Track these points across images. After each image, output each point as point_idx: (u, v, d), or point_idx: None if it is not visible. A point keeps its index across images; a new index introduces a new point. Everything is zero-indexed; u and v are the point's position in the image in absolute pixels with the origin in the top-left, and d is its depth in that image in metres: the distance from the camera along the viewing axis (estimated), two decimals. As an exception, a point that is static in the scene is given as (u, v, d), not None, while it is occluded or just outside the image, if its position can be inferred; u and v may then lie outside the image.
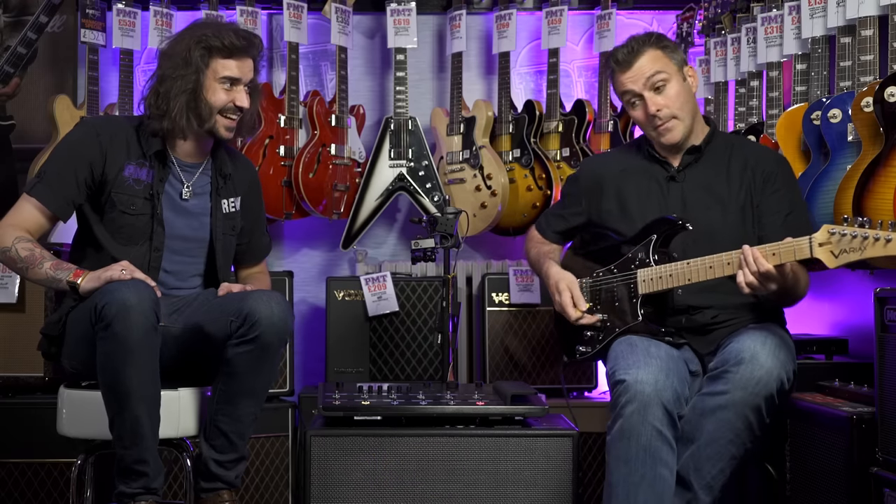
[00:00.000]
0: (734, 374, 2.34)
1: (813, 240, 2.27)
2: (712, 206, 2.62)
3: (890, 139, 2.59)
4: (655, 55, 2.62)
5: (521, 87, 4.13)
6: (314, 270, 4.11)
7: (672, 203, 2.65)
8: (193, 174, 2.59)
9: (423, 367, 3.60)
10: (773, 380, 2.33)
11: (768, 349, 2.36)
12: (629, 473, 2.34)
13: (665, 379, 2.36)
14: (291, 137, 3.81)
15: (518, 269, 3.68)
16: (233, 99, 2.52)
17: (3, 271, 3.25)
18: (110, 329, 2.19)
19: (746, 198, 2.61)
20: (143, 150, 2.53)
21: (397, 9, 3.91)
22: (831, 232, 2.24)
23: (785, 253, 2.31)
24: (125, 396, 2.23)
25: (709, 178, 2.65)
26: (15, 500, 3.16)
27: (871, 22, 2.79)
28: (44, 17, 3.59)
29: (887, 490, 2.41)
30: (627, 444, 2.34)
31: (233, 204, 2.66)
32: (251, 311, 2.34)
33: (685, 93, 2.63)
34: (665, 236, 2.58)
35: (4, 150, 3.69)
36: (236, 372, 2.39)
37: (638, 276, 2.58)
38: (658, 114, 2.59)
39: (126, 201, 2.49)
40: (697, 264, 2.46)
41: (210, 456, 2.45)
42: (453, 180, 3.91)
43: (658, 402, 2.33)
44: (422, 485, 2.70)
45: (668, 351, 2.49)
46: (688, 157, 2.67)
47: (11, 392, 3.24)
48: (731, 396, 2.34)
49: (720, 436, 2.36)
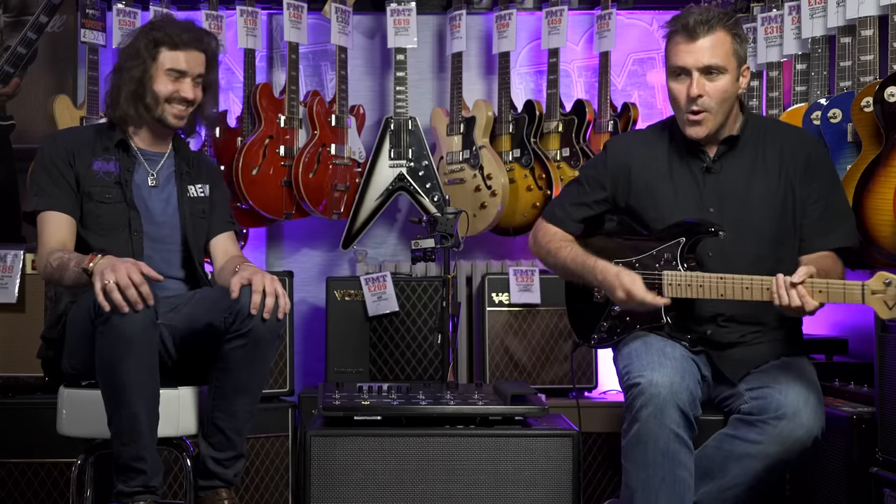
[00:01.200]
0: (773, 427, 2.27)
1: (866, 287, 2.14)
2: (751, 200, 2.47)
3: (890, 139, 2.59)
4: (725, 41, 2.43)
5: (521, 87, 4.13)
6: (314, 270, 4.11)
7: (708, 196, 2.50)
8: (158, 162, 2.69)
9: (423, 367, 3.60)
10: (810, 438, 2.28)
11: (811, 407, 2.29)
12: (648, 478, 2.29)
13: (680, 381, 2.29)
14: (291, 137, 3.81)
15: (518, 269, 3.68)
16: (178, 89, 2.60)
17: (3, 271, 3.24)
18: (109, 322, 2.20)
19: (787, 186, 2.47)
20: (106, 144, 2.62)
21: (397, 9, 3.91)
22: (886, 283, 2.13)
23: (834, 294, 2.18)
24: (123, 391, 2.23)
25: (746, 169, 2.50)
26: (15, 500, 3.16)
27: (871, 22, 2.79)
28: (44, 17, 3.59)
29: (887, 490, 2.41)
30: (645, 448, 2.29)
31: (201, 190, 2.73)
32: (243, 305, 2.35)
33: (732, 92, 2.45)
34: (694, 241, 2.45)
35: (4, 150, 3.69)
36: (230, 367, 2.39)
37: (664, 279, 2.43)
38: (699, 99, 2.42)
39: (100, 192, 2.58)
40: (733, 281, 2.32)
41: (208, 454, 2.45)
42: (453, 180, 3.91)
43: (674, 405, 2.26)
44: (422, 485, 2.70)
45: (682, 352, 2.42)
46: (723, 147, 2.51)
47: (11, 392, 3.24)
48: (764, 448, 2.28)
49: (743, 481, 2.32)
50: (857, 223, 2.59)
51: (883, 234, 2.57)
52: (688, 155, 2.54)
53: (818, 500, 2.67)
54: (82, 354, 2.38)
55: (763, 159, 2.51)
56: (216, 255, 2.76)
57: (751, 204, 2.48)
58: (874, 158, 2.62)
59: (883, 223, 2.57)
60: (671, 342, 2.45)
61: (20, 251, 3.26)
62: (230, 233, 2.80)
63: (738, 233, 2.45)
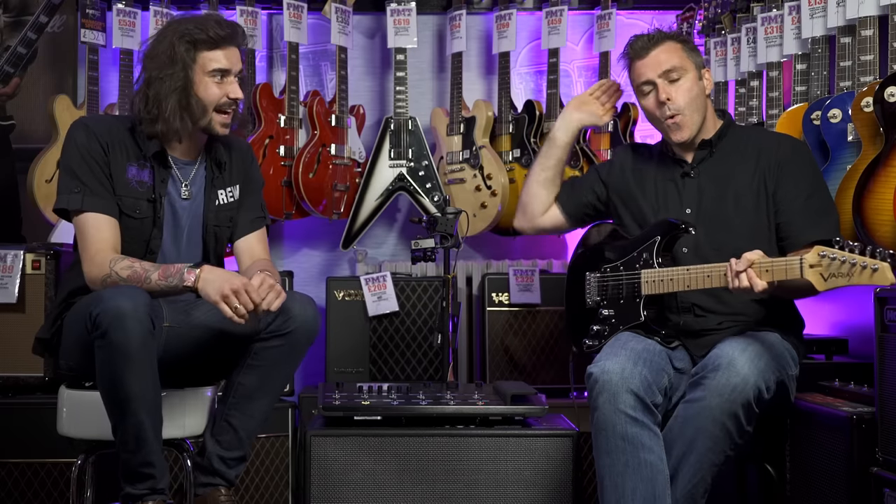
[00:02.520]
0: (710, 379, 2.32)
1: (804, 261, 2.23)
2: (726, 198, 2.59)
3: (890, 139, 2.59)
4: (674, 48, 2.62)
5: (521, 87, 4.13)
6: (314, 270, 4.11)
7: (688, 197, 2.63)
8: (191, 171, 2.55)
9: (423, 367, 3.60)
10: (749, 387, 2.30)
11: (747, 356, 2.33)
12: (612, 464, 2.34)
13: (632, 367, 2.36)
14: (291, 137, 3.81)
15: (518, 269, 3.68)
16: (226, 92, 2.44)
17: (3, 271, 3.24)
18: (107, 337, 2.18)
19: (760, 184, 2.58)
20: (143, 152, 2.48)
21: (397, 9, 3.91)
22: (821, 255, 2.21)
23: (777, 271, 2.28)
24: (126, 403, 2.22)
25: (723, 170, 2.63)
26: (15, 500, 3.16)
27: (871, 22, 2.79)
28: (44, 17, 3.60)
29: (887, 490, 2.41)
30: (605, 434, 2.35)
31: (230, 193, 2.60)
32: (286, 307, 2.35)
33: (698, 91, 2.61)
34: (669, 238, 2.58)
35: (4, 150, 3.69)
36: (261, 366, 2.40)
37: (642, 277, 2.58)
38: (668, 103, 2.57)
39: (131, 205, 2.46)
40: (697, 272, 2.46)
41: (215, 452, 2.45)
42: (453, 180, 3.91)
43: (626, 389, 2.32)
44: (422, 485, 2.70)
45: (646, 345, 2.49)
46: (700, 153, 2.65)
47: (11, 392, 3.24)
48: (707, 403, 2.31)
49: (699, 444, 2.34)
50: (857, 223, 2.59)
51: (883, 233, 2.56)
52: (670, 165, 2.69)
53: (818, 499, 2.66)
54: (77, 357, 2.39)
55: (741, 160, 2.63)
56: (242, 257, 2.65)
57: (725, 201, 2.59)
58: (874, 158, 2.61)
59: (883, 223, 2.56)
60: (640, 337, 2.53)
61: (20, 251, 3.25)
62: (258, 232, 2.65)
63: (714, 229, 2.57)
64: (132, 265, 2.34)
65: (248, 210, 2.64)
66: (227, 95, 2.45)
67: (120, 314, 2.17)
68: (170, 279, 2.31)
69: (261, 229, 2.67)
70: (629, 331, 2.58)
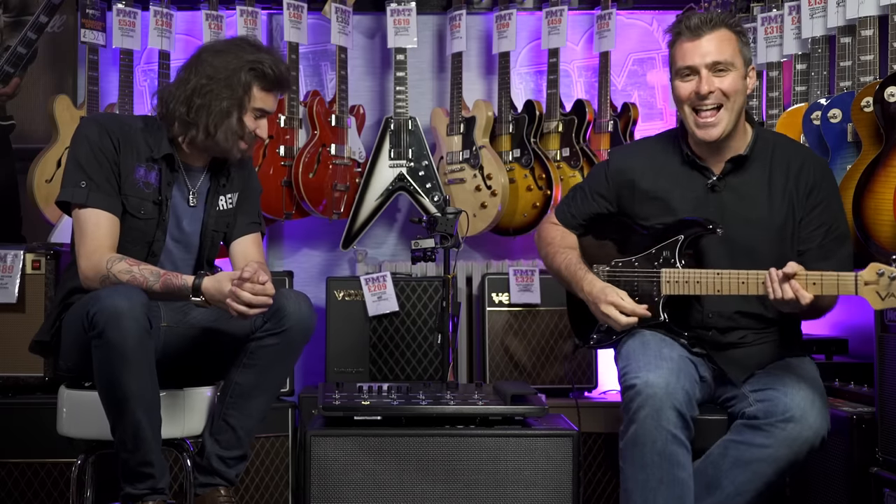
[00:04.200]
0: (781, 430, 2.27)
1: (859, 278, 2.16)
2: (752, 223, 2.46)
3: (890, 139, 2.59)
4: (729, 38, 2.42)
5: (521, 87, 4.13)
6: (314, 270, 4.11)
7: (711, 213, 2.47)
8: (198, 178, 2.57)
9: (423, 367, 3.60)
10: (818, 438, 2.28)
11: (818, 408, 2.29)
12: (647, 479, 2.29)
13: (676, 381, 2.29)
14: (291, 137, 3.80)
15: (518, 269, 3.68)
16: (256, 127, 2.50)
17: (3, 271, 3.24)
18: (104, 337, 2.18)
19: (788, 211, 2.46)
20: (153, 153, 2.48)
21: (397, 9, 3.91)
22: (879, 273, 2.14)
23: (828, 286, 2.21)
24: (124, 402, 2.23)
25: (750, 190, 2.48)
26: (15, 500, 3.16)
27: (871, 22, 2.79)
28: (44, 17, 3.59)
29: (887, 490, 2.41)
30: (643, 449, 2.29)
31: (230, 200, 2.63)
32: (281, 306, 2.36)
33: (741, 90, 2.43)
34: (693, 238, 2.46)
35: (4, 150, 3.69)
36: (257, 365, 2.40)
37: (662, 276, 2.45)
38: (708, 95, 2.40)
39: (136, 205, 2.46)
40: (730, 276, 2.34)
41: (214, 451, 2.45)
42: (453, 180, 3.91)
43: (671, 406, 2.26)
44: (422, 485, 2.70)
45: (680, 352, 2.42)
46: (729, 166, 2.48)
47: (11, 392, 3.24)
48: (773, 452, 2.28)
49: (751, 487, 2.32)
50: (857, 223, 2.59)
51: (883, 234, 2.57)
52: (693, 171, 2.53)
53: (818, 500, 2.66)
54: (75, 358, 2.39)
55: (768, 181, 2.48)
56: (236, 259, 2.66)
57: (751, 227, 2.47)
58: (874, 158, 2.62)
59: (883, 223, 2.57)
60: (669, 341, 2.44)
61: (20, 251, 3.26)
62: (253, 235, 2.67)
63: (736, 255, 2.45)
64: (131, 269, 2.33)
65: (245, 214, 2.67)
66: (256, 130, 2.50)
67: (116, 313, 2.17)
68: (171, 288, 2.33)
69: (256, 233, 2.69)
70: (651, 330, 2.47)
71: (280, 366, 2.44)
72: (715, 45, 2.41)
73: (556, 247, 2.65)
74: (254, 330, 2.40)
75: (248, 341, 2.41)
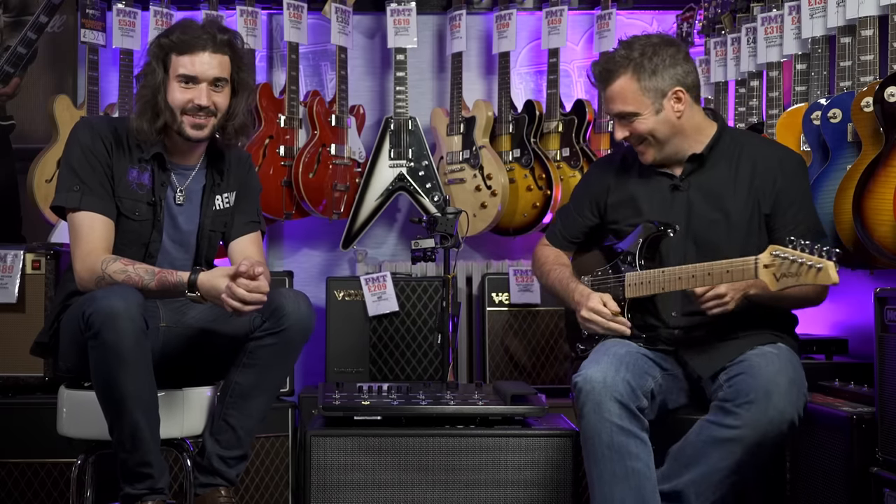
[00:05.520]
0: (746, 412, 2.28)
1: (758, 261, 2.22)
2: (717, 218, 2.52)
3: (890, 139, 2.59)
4: (627, 86, 2.49)
5: (521, 87, 4.13)
6: (314, 270, 4.11)
7: (676, 212, 2.55)
8: (187, 176, 2.55)
9: (423, 367, 3.60)
10: (785, 421, 2.28)
11: (782, 389, 2.29)
12: (601, 473, 2.33)
13: (615, 374, 2.34)
14: (291, 137, 3.81)
15: (518, 269, 3.68)
16: (191, 98, 2.41)
17: (3, 271, 3.24)
18: (100, 337, 2.18)
19: (755, 206, 2.51)
20: (143, 153, 2.48)
21: (397, 9, 3.91)
22: (774, 254, 2.19)
23: (736, 272, 2.28)
24: (121, 402, 2.22)
25: (715, 185, 2.54)
26: (15, 500, 3.16)
27: (871, 22, 2.79)
28: (44, 17, 3.59)
29: (887, 490, 2.41)
30: (593, 443, 2.33)
31: (227, 199, 2.61)
32: (279, 305, 2.36)
33: (657, 126, 2.50)
34: (651, 241, 2.53)
35: (4, 150, 3.69)
36: (256, 364, 2.40)
37: (625, 279, 2.53)
38: (626, 140, 2.54)
39: (131, 207, 2.46)
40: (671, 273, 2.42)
41: (214, 451, 2.45)
42: (453, 180, 3.91)
43: (610, 398, 2.31)
44: (422, 485, 2.70)
45: (630, 348, 2.46)
46: (689, 166, 2.56)
47: (11, 392, 3.24)
48: (740, 432, 2.29)
49: (725, 466, 2.32)
50: (857, 223, 2.59)
51: (883, 234, 2.56)
52: (657, 174, 2.61)
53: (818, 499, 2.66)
54: (73, 358, 2.39)
55: (734, 177, 2.54)
56: (235, 258, 2.64)
57: (716, 224, 2.52)
58: (874, 158, 2.61)
59: (883, 223, 2.56)
60: (624, 342, 2.49)
61: (20, 251, 3.26)
62: (252, 235, 2.65)
63: (703, 252, 2.49)
64: (125, 269, 2.33)
65: (243, 213, 2.65)
66: (192, 101, 2.42)
67: (112, 314, 2.17)
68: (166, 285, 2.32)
69: (256, 233, 2.67)
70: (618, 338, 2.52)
71: (279, 365, 2.44)
72: (616, 97, 2.51)
73: (550, 265, 2.75)
74: (253, 329, 2.40)
75: (247, 341, 2.41)
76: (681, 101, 2.51)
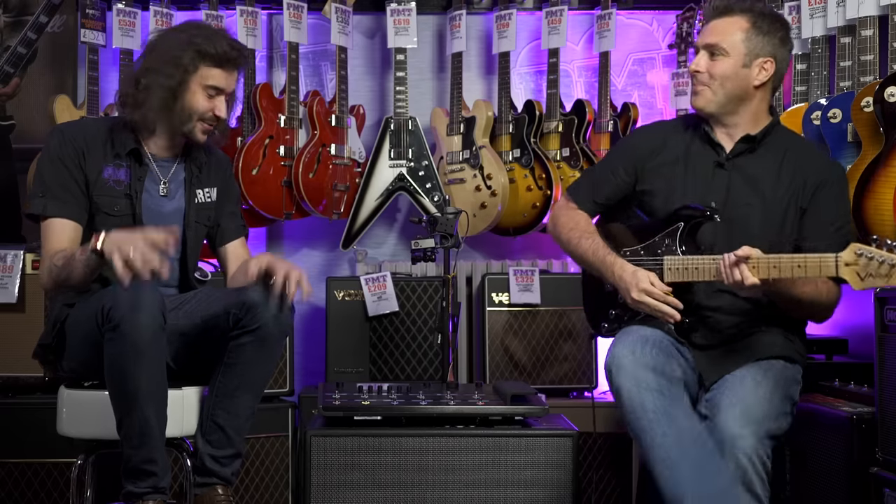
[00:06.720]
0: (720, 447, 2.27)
1: (839, 259, 2.17)
2: (754, 203, 2.48)
3: (890, 139, 2.59)
4: (738, 26, 2.49)
5: (521, 87, 4.13)
6: (314, 270, 4.10)
7: (715, 190, 2.50)
8: (169, 169, 2.60)
9: (423, 367, 3.60)
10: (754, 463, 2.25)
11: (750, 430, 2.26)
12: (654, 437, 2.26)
13: (642, 348, 2.33)
14: (291, 137, 3.81)
15: (518, 269, 3.68)
16: (213, 107, 2.51)
17: (3, 271, 3.25)
18: (119, 330, 2.19)
19: (791, 201, 2.47)
20: (118, 150, 2.53)
21: (397, 9, 3.91)
22: (858, 253, 2.14)
23: (811, 267, 2.22)
24: (134, 397, 2.23)
25: (757, 172, 2.50)
26: (15, 500, 3.16)
27: (871, 22, 2.79)
28: (44, 17, 3.59)
29: (887, 490, 2.41)
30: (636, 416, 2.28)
31: (208, 194, 2.65)
32: (252, 302, 2.35)
33: (732, 77, 2.47)
34: (692, 225, 2.46)
35: (4, 150, 3.69)
36: (236, 363, 2.40)
37: (664, 264, 2.45)
38: (696, 75, 2.50)
39: (109, 203, 2.50)
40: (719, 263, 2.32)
41: (206, 451, 2.45)
42: (453, 180, 3.91)
43: (643, 366, 2.29)
44: (422, 485, 2.70)
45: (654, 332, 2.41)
46: (740, 146, 2.51)
47: (11, 392, 3.24)
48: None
49: None
50: (857, 223, 2.59)
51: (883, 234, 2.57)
52: (705, 147, 2.55)
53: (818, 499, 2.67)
54: (84, 356, 2.39)
55: (777, 170, 2.50)
56: (229, 261, 2.69)
57: (752, 208, 2.48)
58: (874, 158, 2.62)
59: (883, 223, 2.57)
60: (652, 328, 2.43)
61: (20, 251, 3.26)
62: (243, 238, 2.73)
63: (734, 233, 2.44)
64: (64, 253, 2.38)
65: (231, 217, 2.72)
66: (212, 111, 2.52)
67: (133, 307, 2.19)
68: (86, 252, 2.29)
69: (244, 236, 2.75)
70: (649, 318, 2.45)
71: (260, 363, 2.42)
72: (717, 30, 2.50)
73: (581, 231, 2.62)
74: (231, 328, 2.39)
75: (225, 341, 2.41)
76: (765, 73, 2.49)
